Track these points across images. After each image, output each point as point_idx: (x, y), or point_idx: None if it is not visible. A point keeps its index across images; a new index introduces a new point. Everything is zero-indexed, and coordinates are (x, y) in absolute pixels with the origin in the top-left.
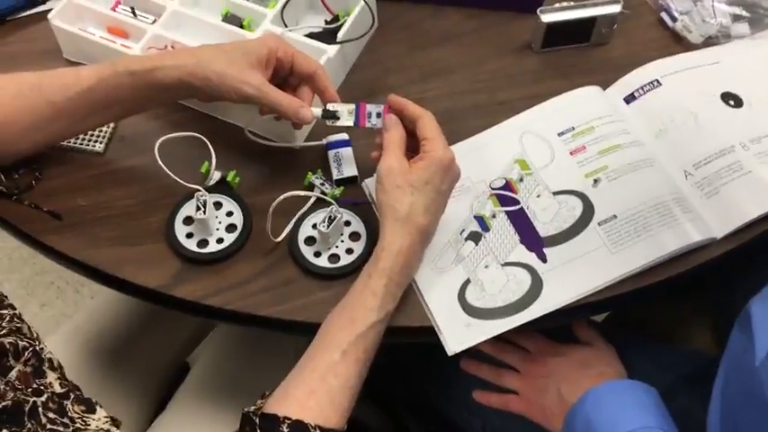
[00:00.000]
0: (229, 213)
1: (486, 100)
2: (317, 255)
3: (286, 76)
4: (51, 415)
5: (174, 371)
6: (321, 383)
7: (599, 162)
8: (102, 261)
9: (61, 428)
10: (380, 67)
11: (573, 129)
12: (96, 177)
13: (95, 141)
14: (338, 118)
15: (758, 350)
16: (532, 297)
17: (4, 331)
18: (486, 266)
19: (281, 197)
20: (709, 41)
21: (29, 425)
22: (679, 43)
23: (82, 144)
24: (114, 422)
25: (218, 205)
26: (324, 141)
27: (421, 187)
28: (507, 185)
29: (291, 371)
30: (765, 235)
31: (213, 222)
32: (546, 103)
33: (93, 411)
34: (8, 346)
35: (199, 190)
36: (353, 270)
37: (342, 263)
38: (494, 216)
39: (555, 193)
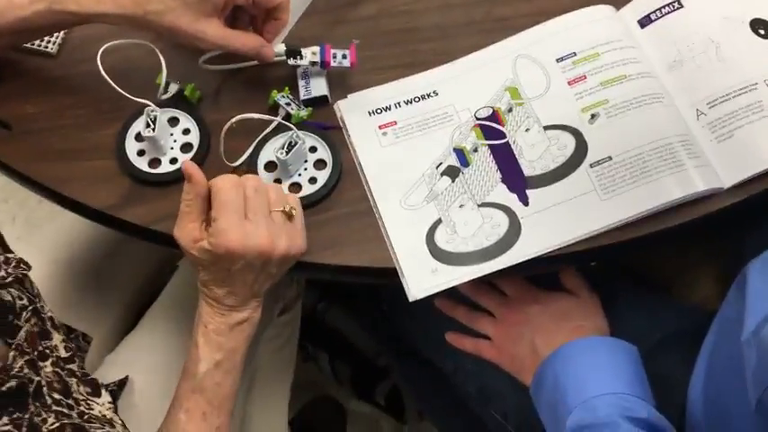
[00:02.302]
0: (186, 131)
1: (482, 15)
2: (278, 182)
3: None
4: (56, 396)
5: (149, 290)
6: None
7: (600, 95)
8: (48, 176)
9: (66, 410)
10: None
11: (574, 54)
12: (48, 82)
13: (48, 42)
14: (302, 57)
15: (747, 324)
16: (508, 243)
17: (10, 278)
18: (461, 206)
19: (234, 119)
20: None
21: (32, 407)
22: None
23: (33, 44)
24: (85, 338)
25: (174, 122)
26: None
27: (208, 266)
28: (494, 116)
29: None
30: None
31: (166, 141)
32: (547, 23)
33: (99, 395)
34: (12, 300)
35: (148, 105)
36: (316, 201)
37: (304, 193)
38: (475, 150)
39: (546, 128)
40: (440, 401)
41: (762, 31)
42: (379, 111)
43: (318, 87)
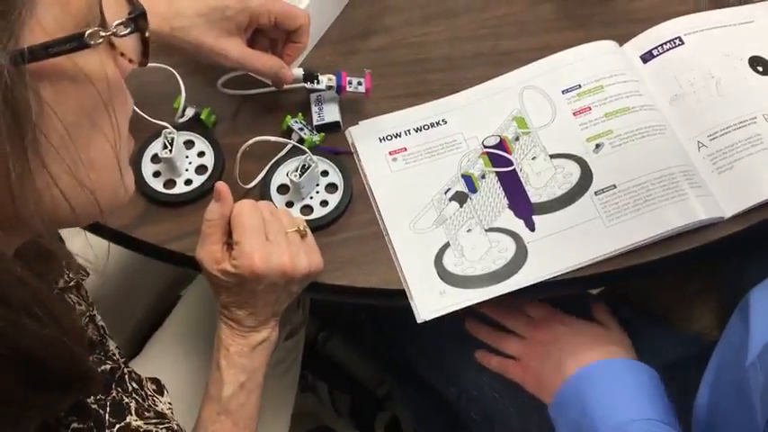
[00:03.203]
0: (201, 154)
1: (489, 49)
2: (290, 205)
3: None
4: (134, 385)
5: (153, 318)
6: None
7: (604, 125)
8: None
9: (140, 399)
10: (379, 4)
11: (579, 87)
12: None
13: None
14: (319, 81)
15: (751, 348)
16: (515, 267)
17: (72, 283)
18: (469, 230)
19: (250, 141)
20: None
21: (114, 392)
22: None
23: None
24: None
25: (189, 144)
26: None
27: (230, 288)
28: (501, 144)
29: None
30: None
31: (182, 162)
32: (553, 57)
33: (162, 394)
34: (73, 305)
35: (166, 127)
36: (327, 224)
37: (315, 215)
38: (483, 177)
39: (552, 156)
40: (442, 427)
41: (760, 68)
42: (389, 137)
43: (331, 113)
